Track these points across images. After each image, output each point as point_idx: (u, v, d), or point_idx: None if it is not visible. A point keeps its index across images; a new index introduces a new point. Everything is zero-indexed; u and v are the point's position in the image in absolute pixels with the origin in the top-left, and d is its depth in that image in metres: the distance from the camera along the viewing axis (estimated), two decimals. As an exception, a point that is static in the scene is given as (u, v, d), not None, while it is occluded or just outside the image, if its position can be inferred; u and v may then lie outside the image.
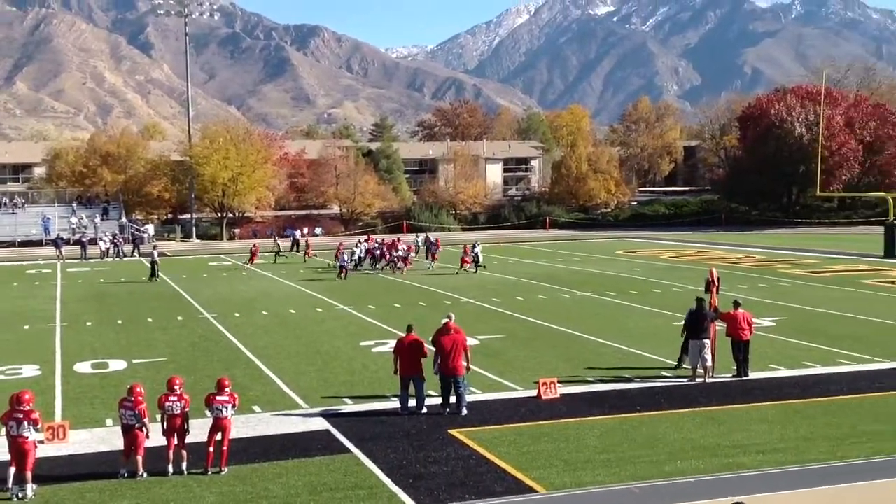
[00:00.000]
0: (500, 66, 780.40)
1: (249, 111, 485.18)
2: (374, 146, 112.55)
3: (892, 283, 35.96)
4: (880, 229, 49.57)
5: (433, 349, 17.42)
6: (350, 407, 17.38)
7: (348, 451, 14.51)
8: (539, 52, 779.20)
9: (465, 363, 16.79)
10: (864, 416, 15.94)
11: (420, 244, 51.57)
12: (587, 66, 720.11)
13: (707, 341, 18.81)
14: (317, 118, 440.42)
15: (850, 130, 72.80)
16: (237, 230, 78.28)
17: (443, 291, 35.70)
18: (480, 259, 43.00)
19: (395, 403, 17.06)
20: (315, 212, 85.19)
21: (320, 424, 16.11)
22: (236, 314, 30.38)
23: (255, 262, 49.70)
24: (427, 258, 46.72)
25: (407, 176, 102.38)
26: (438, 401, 16.98)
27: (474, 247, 43.40)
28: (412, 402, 16.80)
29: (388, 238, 51.63)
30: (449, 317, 17.58)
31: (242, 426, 15.75)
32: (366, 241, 49.52)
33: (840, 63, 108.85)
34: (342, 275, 41.26)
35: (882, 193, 61.03)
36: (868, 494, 12.00)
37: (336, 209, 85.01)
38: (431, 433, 15.39)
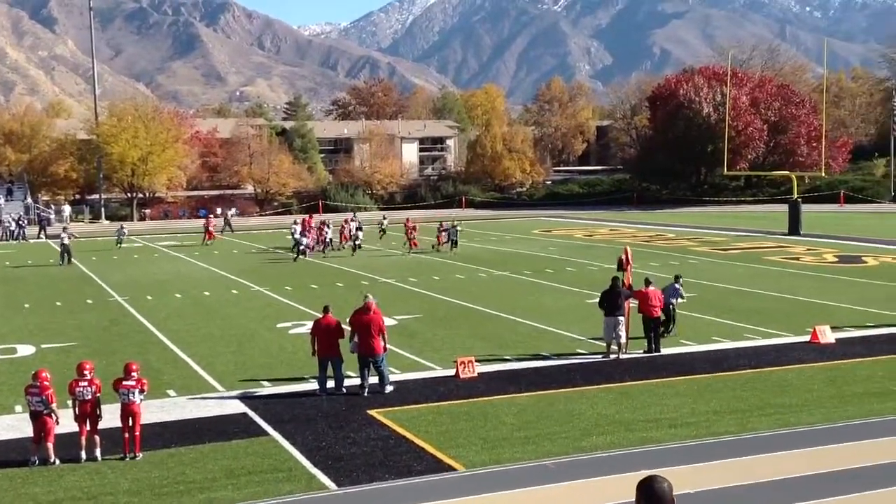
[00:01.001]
0: (415, 45, 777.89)
1: (158, 88, 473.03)
2: (288, 125, 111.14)
3: (796, 259, 37.21)
4: (785, 207, 51.18)
5: (350, 329, 17.44)
6: (267, 389, 17.23)
7: (266, 433, 14.39)
8: (453, 31, 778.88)
9: (382, 343, 16.79)
10: (771, 389, 16.50)
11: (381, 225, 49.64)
12: (501, 46, 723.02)
13: (622, 318, 19.20)
14: (229, 96, 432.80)
15: (755, 110, 74.73)
16: (148, 211, 76.51)
17: (360, 272, 35.58)
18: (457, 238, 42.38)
19: (313, 385, 16.98)
20: (229, 192, 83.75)
21: (237, 407, 15.94)
22: (149, 297, 29.76)
23: (211, 239, 49.11)
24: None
25: (322, 155, 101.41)
26: (358, 381, 16.94)
27: (454, 226, 42.43)
28: (331, 384, 16.74)
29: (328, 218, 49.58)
30: (367, 297, 17.54)
31: (157, 411, 15.48)
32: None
33: (745, 44, 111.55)
34: (324, 250, 41.80)
35: (786, 172, 62.96)
36: (775, 465, 12.45)
37: (250, 189, 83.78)
38: (350, 414, 15.37)
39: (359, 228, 43.94)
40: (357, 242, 43.11)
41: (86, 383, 13.37)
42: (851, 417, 14.52)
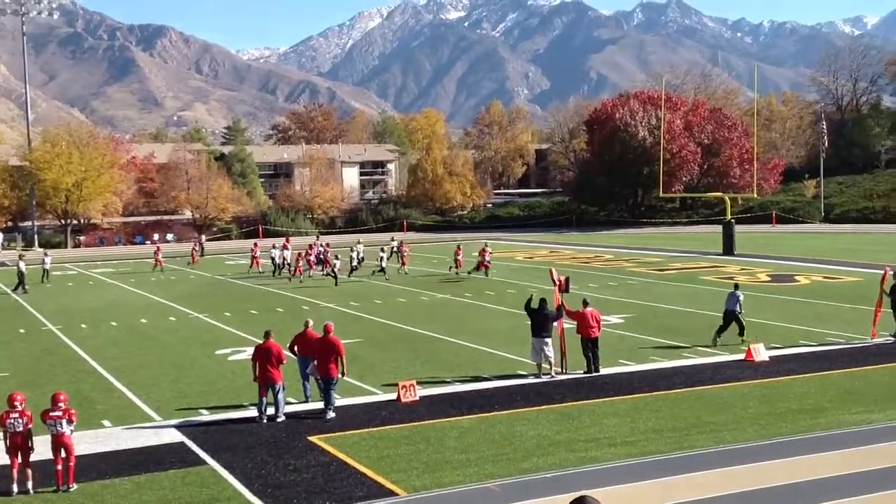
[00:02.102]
0: (354, 69, 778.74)
1: (93, 114, 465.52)
2: (226, 150, 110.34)
3: (730, 278, 37.85)
4: (719, 228, 52.18)
5: (291, 355, 17.37)
6: (206, 417, 16.98)
7: (204, 462, 14.17)
8: (392, 55, 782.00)
9: (340, 368, 16.83)
10: (707, 407, 16.76)
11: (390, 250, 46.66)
12: (440, 70, 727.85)
13: (548, 339, 19.40)
14: (166, 121, 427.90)
15: (689, 134, 76.24)
16: (82, 238, 75.08)
17: (300, 297, 35.34)
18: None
19: (253, 412, 16.79)
20: (166, 217, 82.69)
21: (174, 437, 15.67)
22: (83, 325, 29.17)
23: (195, 261, 48.22)
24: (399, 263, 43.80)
25: (262, 180, 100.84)
26: (300, 407, 16.80)
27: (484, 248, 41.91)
28: (271, 410, 16.57)
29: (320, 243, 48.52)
30: (307, 322, 17.46)
31: (91, 442, 15.16)
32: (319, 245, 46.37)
33: (679, 69, 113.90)
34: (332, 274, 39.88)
35: (720, 194, 64.24)
36: (711, 483, 12.63)
37: (188, 214, 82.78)
38: (291, 441, 15.22)
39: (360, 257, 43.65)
40: (356, 265, 42.64)
41: (17, 415, 13.05)
42: (784, 434, 14.81)
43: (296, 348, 17.83)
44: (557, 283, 20.97)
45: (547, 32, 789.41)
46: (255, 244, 48.63)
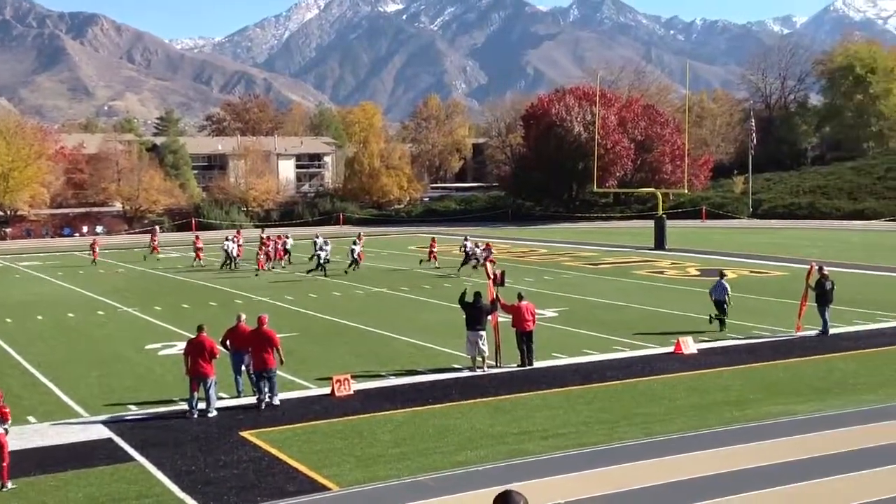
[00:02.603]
0: (291, 61, 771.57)
1: (22, 103, 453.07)
2: (159, 141, 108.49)
3: (661, 272, 38.57)
4: (651, 222, 52.98)
5: (223, 350, 17.22)
6: (134, 413, 16.71)
7: (132, 459, 13.96)
8: (330, 47, 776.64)
9: (277, 357, 16.94)
10: (637, 399, 17.04)
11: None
12: (378, 63, 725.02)
13: (483, 333, 19.53)
14: (96, 111, 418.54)
15: (623, 130, 77.17)
16: (9, 230, 73.13)
17: (234, 290, 34.95)
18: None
19: (182, 407, 16.58)
20: (96, 209, 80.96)
21: (102, 433, 15.40)
22: (8, 320, 28.45)
23: (201, 258, 45.70)
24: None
25: (195, 172, 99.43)
26: (232, 402, 16.63)
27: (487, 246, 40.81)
28: (202, 405, 16.39)
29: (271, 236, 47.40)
30: (239, 316, 17.30)
31: (16, 438, 14.78)
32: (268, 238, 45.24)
33: (613, 65, 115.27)
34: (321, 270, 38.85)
35: (652, 189, 65.22)
36: (640, 474, 12.85)
37: (119, 206, 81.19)
38: (222, 436, 15.06)
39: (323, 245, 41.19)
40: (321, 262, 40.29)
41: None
42: (711, 426, 15.13)
43: (228, 343, 17.65)
44: (492, 276, 21.09)
45: (484, 27, 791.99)
46: (197, 237, 47.93)
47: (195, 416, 16.16)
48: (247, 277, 39.53)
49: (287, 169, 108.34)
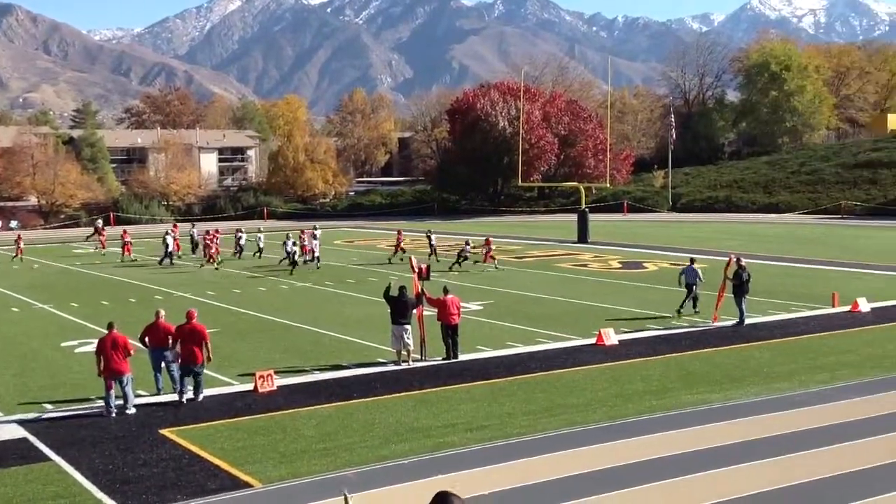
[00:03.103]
0: (213, 53, 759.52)
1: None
2: (76, 133, 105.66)
3: (584, 265, 39.11)
4: (574, 216, 53.65)
5: (138, 345, 16.98)
6: (50, 412, 16.30)
7: (48, 459, 13.62)
8: (253, 39, 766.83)
9: (205, 353, 16.88)
10: (560, 390, 17.27)
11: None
12: (303, 56, 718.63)
13: (408, 326, 19.57)
14: (10, 103, 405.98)
15: (547, 125, 77.93)
16: (-84, 225, 70.54)
17: (154, 286, 34.30)
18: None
19: (100, 405, 16.23)
20: (10, 204, 78.53)
21: (16, 432, 14.99)
22: (-84, 318, 27.43)
23: (130, 251, 44.64)
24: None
25: (114, 165, 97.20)
26: (151, 399, 16.35)
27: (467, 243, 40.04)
28: (120, 402, 16.08)
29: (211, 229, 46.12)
30: (158, 312, 17.00)
31: (-76, 442, 14.31)
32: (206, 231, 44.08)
33: (538, 61, 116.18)
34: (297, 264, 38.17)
35: (575, 183, 65.98)
36: (562, 463, 13.03)
37: (34, 201, 78.92)
38: (140, 434, 14.80)
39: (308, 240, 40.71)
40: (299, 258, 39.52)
41: None
42: (631, 415, 15.43)
43: (147, 339, 17.34)
44: (417, 270, 21.12)
45: (410, 21, 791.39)
46: (125, 231, 47.09)
47: (113, 414, 15.84)
48: (178, 272, 38.85)
49: (209, 162, 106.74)
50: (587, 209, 52.65)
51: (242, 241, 44.91)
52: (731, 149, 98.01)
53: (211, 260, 40.77)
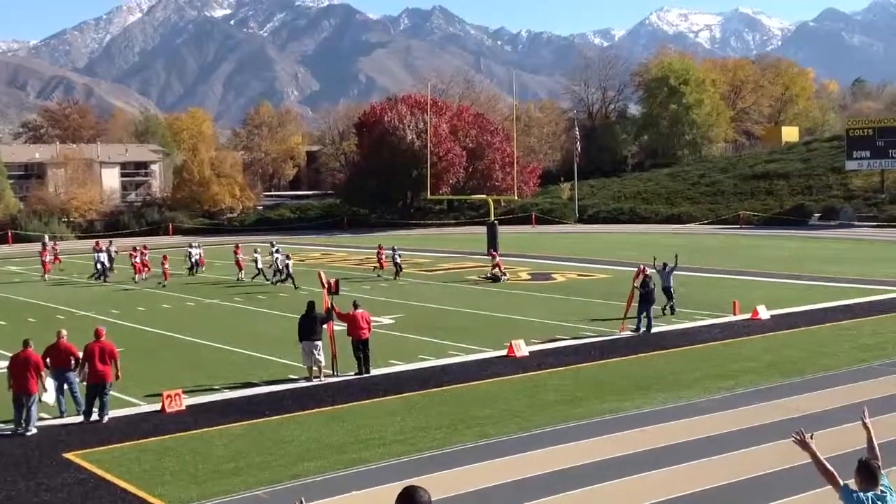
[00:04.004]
0: (113, 66, 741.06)
1: None
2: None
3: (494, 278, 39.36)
4: (483, 228, 54.05)
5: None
6: (-54, 440, 15.63)
7: (-55, 489, 13.05)
8: (155, 52, 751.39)
9: (114, 371, 16.70)
10: (473, 402, 17.37)
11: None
12: (206, 69, 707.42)
13: (318, 342, 19.44)
14: None
15: (454, 138, 78.45)
16: None
17: (55, 305, 33.23)
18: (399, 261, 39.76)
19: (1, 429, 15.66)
20: None
21: None
22: None
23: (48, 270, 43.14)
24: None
25: (11, 181, 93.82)
26: (54, 422, 15.86)
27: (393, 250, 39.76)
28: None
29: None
30: (59, 332, 16.54)
31: None
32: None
33: (444, 74, 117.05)
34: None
35: (483, 196, 66.57)
36: (474, 477, 13.11)
37: (-77, 219, 75.67)
38: (44, 458, 14.31)
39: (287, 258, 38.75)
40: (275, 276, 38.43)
41: None
42: (544, 425, 15.62)
43: (48, 360, 16.82)
44: (326, 285, 20.99)
45: (315, 34, 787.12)
46: (45, 247, 45.35)
47: (29, 432, 15.64)
48: (75, 289, 37.70)
49: (111, 178, 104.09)
50: (496, 221, 53.09)
51: (195, 257, 43.62)
52: (635, 161, 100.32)
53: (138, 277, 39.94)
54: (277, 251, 40.00)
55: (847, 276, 35.83)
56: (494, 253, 40.92)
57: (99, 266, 41.46)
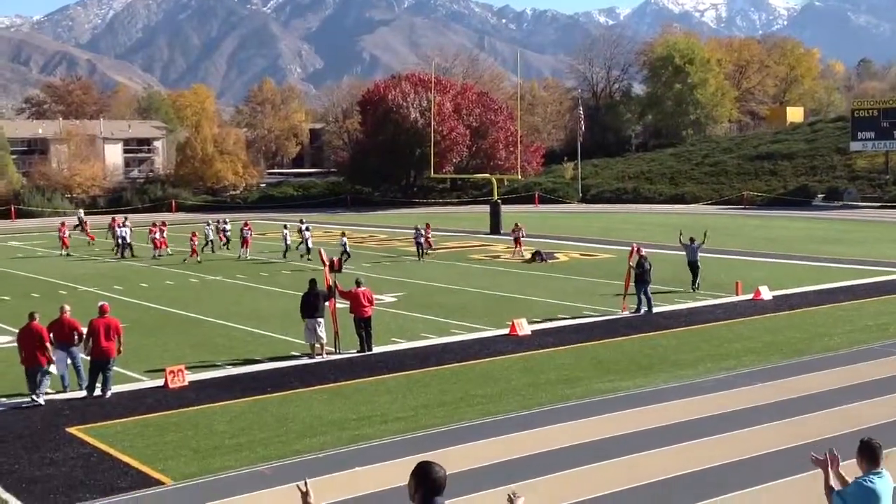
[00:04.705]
0: (116, 42, 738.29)
1: None
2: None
3: (497, 256, 39.47)
4: (486, 208, 54.04)
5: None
6: (-50, 414, 15.74)
7: (-51, 462, 13.15)
8: (158, 28, 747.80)
9: (117, 347, 16.81)
10: (474, 381, 17.43)
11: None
12: (210, 45, 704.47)
13: (321, 319, 19.48)
14: None
15: (458, 116, 78.24)
16: None
17: (59, 281, 33.31)
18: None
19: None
20: None
21: (-86, 436, 14.42)
22: None
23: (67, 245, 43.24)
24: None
25: (14, 157, 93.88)
26: (58, 396, 15.98)
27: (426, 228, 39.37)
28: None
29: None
30: (62, 307, 16.59)
31: None
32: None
33: (448, 53, 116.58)
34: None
35: (487, 175, 66.52)
36: (477, 453, 13.18)
37: (-73, 194, 75.78)
38: (47, 433, 14.41)
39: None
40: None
41: None
42: (543, 404, 15.68)
43: (52, 335, 16.90)
44: (328, 263, 21.02)
45: (319, 11, 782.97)
46: (63, 223, 45.45)
47: (43, 404, 15.86)
48: (79, 263, 37.78)
49: (114, 154, 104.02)
50: (499, 201, 53.12)
51: (228, 232, 44.74)
52: (638, 141, 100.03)
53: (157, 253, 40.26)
54: (307, 228, 40.68)
55: (850, 258, 35.82)
56: (520, 231, 40.01)
57: (120, 240, 41.58)
